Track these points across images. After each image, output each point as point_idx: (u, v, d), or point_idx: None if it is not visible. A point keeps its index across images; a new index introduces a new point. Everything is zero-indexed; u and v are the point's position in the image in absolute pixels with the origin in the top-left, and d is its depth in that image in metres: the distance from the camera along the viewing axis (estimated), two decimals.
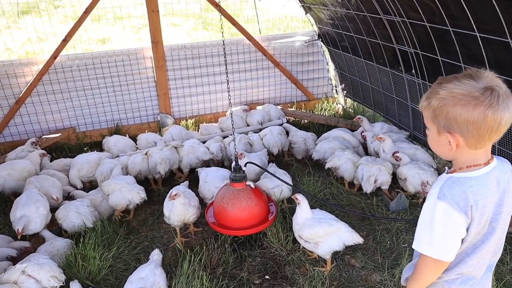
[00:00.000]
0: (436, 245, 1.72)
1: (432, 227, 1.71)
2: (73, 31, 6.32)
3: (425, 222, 1.75)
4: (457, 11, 3.77)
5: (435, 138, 1.75)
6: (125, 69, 6.75)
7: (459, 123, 1.62)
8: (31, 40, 11.67)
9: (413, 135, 5.67)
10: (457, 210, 1.65)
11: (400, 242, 4.11)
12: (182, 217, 4.09)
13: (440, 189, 1.69)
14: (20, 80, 6.32)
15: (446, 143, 1.70)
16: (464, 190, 1.66)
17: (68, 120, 6.70)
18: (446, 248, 1.72)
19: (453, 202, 1.65)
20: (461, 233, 1.71)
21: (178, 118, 7.13)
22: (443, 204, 1.67)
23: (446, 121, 1.65)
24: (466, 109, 1.59)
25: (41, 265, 3.42)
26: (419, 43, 4.72)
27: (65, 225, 4.31)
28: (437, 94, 1.67)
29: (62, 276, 3.50)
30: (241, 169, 3.91)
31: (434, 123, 1.71)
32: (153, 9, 6.35)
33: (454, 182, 1.69)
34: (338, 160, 4.99)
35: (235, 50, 7.15)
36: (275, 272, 3.84)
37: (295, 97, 7.71)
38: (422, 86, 5.05)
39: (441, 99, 1.65)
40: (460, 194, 1.66)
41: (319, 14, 6.72)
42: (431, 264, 1.77)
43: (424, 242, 1.75)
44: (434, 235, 1.71)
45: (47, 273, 3.40)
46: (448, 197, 1.66)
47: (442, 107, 1.64)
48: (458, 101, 1.60)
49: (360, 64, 6.41)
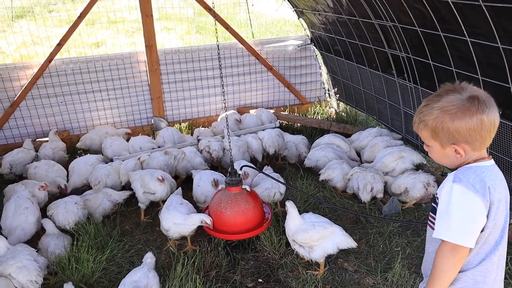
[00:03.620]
0: (454, 229, 1.73)
1: (449, 211, 1.75)
2: (67, 35, 6.33)
3: (442, 208, 1.80)
4: (448, 15, 3.83)
5: (440, 152, 1.87)
6: (119, 73, 6.76)
7: (462, 134, 1.75)
8: (25, 44, 11.63)
9: (405, 138, 5.72)
10: (473, 191, 1.72)
11: (393, 245, 4.14)
12: (182, 232, 4.03)
13: (455, 174, 1.79)
14: (14, 84, 6.31)
15: (452, 153, 1.83)
16: (479, 174, 1.76)
17: (63, 124, 6.70)
18: (464, 232, 1.72)
19: (469, 184, 1.73)
20: (479, 217, 1.73)
21: (171, 122, 7.14)
22: (459, 186, 1.74)
23: (449, 136, 1.78)
24: (465, 121, 1.73)
25: (21, 268, 3.44)
26: (411, 47, 4.77)
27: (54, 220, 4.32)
28: (431, 115, 1.79)
29: (40, 279, 3.51)
30: (236, 173, 3.93)
31: (436, 140, 1.84)
32: (147, 13, 6.38)
33: (467, 169, 1.80)
34: (332, 172, 4.97)
35: (228, 54, 7.19)
36: (268, 275, 3.86)
37: (288, 101, 7.75)
38: (414, 90, 5.10)
39: (437, 119, 1.77)
40: (475, 178, 1.75)
41: (312, 19, 6.78)
42: (450, 250, 1.75)
43: (443, 228, 1.76)
44: (452, 218, 1.74)
45: (25, 276, 3.42)
46: (464, 180, 1.75)
47: (442, 125, 1.77)
48: (455, 116, 1.74)
49: (352, 68, 6.46)
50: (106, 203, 4.70)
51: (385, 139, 5.48)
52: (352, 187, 4.82)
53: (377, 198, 4.75)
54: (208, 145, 5.63)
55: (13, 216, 4.17)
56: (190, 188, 4.84)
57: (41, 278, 3.53)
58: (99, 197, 4.72)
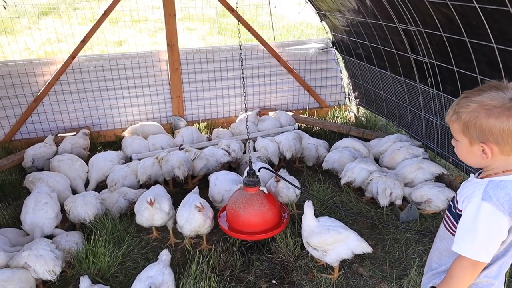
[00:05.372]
0: (478, 246, 1.73)
1: (475, 229, 1.72)
2: (91, 32, 6.43)
3: (467, 224, 1.76)
4: (475, 20, 3.76)
5: (467, 149, 1.80)
6: (140, 71, 6.83)
7: (494, 134, 1.68)
8: (50, 41, 11.88)
9: (425, 145, 5.64)
10: (502, 212, 1.68)
11: (409, 252, 4.08)
12: (198, 228, 4.03)
13: (485, 191, 1.73)
14: (38, 79, 6.44)
15: (479, 152, 1.76)
16: (508, 192, 1.71)
17: (84, 120, 6.81)
18: (486, 249, 1.73)
19: (499, 203, 1.69)
20: (503, 235, 1.73)
21: (190, 121, 7.19)
22: (489, 206, 1.70)
23: (479, 133, 1.71)
24: (500, 120, 1.66)
25: (38, 257, 3.50)
26: (435, 53, 4.70)
27: (71, 215, 4.39)
28: (467, 108, 1.73)
29: (58, 269, 3.55)
30: (255, 173, 3.93)
31: (465, 135, 1.77)
32: (170, 12, 6.43)
33: (496, 185, 1.73)
34: (352, 173, 4.97)
35: (249, 55, 7.20)
36: (282, 277, 3.84)
37: (308, 104, 7.72)
38: (437, 96, 5.03)
39: (472, 113, 1.71)
40: (505, 196, 1.70)
41: (334, 22, 6.74)
42: (469, 267, 1.77)
43: (466, 244, 1.75)
44: (477, 236, 1.72)
45: (42, 266, 3.47)
46: (494, 199, 1.69)
47: (475, 120, 1.70)
48: (492, 113, 1.67)
49: (374, 73, 6.40)
50: (122, 201, 4.74)
51: (406, 145, 5.41)
52: (371, 190, 4.77)
53: (395, 204, 4.69)
54: (228, 144, 5.64)
55: (33, 212, 4.23)
56: (205, 188, 4.86)
57: (59, 268, 3.58)
58: (114, 195, 4.77)
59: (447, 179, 4.98)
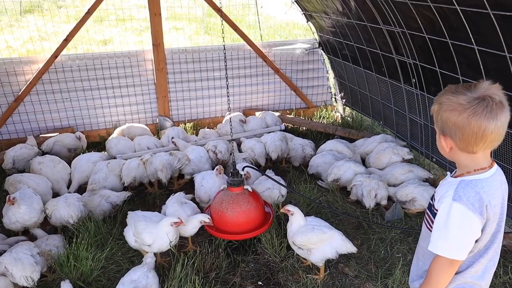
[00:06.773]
0: (451, 245, 1.79)
1: (447, 228, 1.78)
2: (74, 31, 6.33)
3: (440, 225, 1.82)
4: (457, 23, 3.80)
5: (438, 140, 1.90)
6: (125, 70, 6.75)
7: (449, 127, 1.78)
8: (32, 39, 11.68)
9: (410, 144, 5.68)
10: (472, 211, 1.73)
11: (394, 252, 4.11)
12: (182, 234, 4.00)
13: (455, 191, 1.78)
14: (20, 78, 6.31)
15: (443, 144, 1.85)
16: (478, 191, 1.76)
17: (67, 120, 6.70)
18: (460, 248, 1.79)
19: (469, 203, 1.74)
20: (476, 234, 1.79)
21: (176, 121, 7.13)
22: (459, 206, 1.75)
23: (441, 124, 1.81)
24: (453, 114, 1.75)
25: (16, 260, 3.41)
26: (418, 54, 4.74)
27: (53, 218, 4.30)
28: (438, 100, 1.83)
29: (36, 275, 3.45)
30: (238, 173, 3.92)
31: (437, 126, 1.87)
32: (155, 12, 6.37)
33: (467, 184, 1.79)
34: (338, 170, 5.04)
35: (235, 55, 7.17)
36: (268, 278, 3.83)
37: (294, 104, 7.73)
38: (421, 97, 5.07)
39: (439, 105, 1.81)
40: (475, 196, 1.75)
41: (320, 22, 6.76)
42: (446, 264, 1.83)
43: (440, 244, 1.81)
44: (450, 236, 1.78)
45: (19, 271, 3.38)
46: (464, 199, 1.75)
47: (439, 111, 1.81)
48: (448, 107, 1.76)
49: (359, 73, 6.43)
50: (105, 204, 4.63)
51: (391, 145, 5.45)
52: (356, 193, 4.80)
53: (380, 205, 4.72)
54: (215, 145, 5.61)
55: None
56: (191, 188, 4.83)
57: (38, 274, 3.49)
58: (96, 199, 4.64)
59: (431, 178, 5.05)
